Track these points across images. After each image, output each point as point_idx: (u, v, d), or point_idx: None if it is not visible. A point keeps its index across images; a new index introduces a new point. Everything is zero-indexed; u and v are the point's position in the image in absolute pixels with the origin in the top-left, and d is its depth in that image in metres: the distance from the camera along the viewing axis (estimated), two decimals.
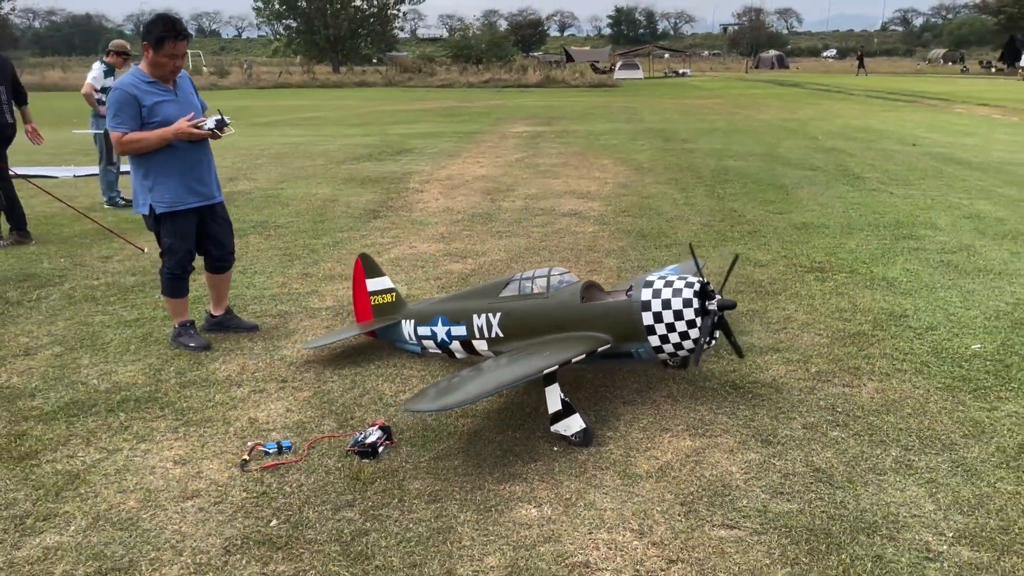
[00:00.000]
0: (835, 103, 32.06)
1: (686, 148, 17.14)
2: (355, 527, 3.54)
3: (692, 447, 4.19)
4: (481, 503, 3.72)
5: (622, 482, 3.88)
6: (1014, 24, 76.74)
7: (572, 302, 4.58)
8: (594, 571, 3.22)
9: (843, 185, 12.02)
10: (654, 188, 12.10)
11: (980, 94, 35.91)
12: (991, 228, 8.97)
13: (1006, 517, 3.48)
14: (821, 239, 8.60)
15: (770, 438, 4.24)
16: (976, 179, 12.40)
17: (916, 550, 3.27)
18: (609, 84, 53.84)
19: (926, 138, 18.47)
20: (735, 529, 3.47)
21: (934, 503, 3.60)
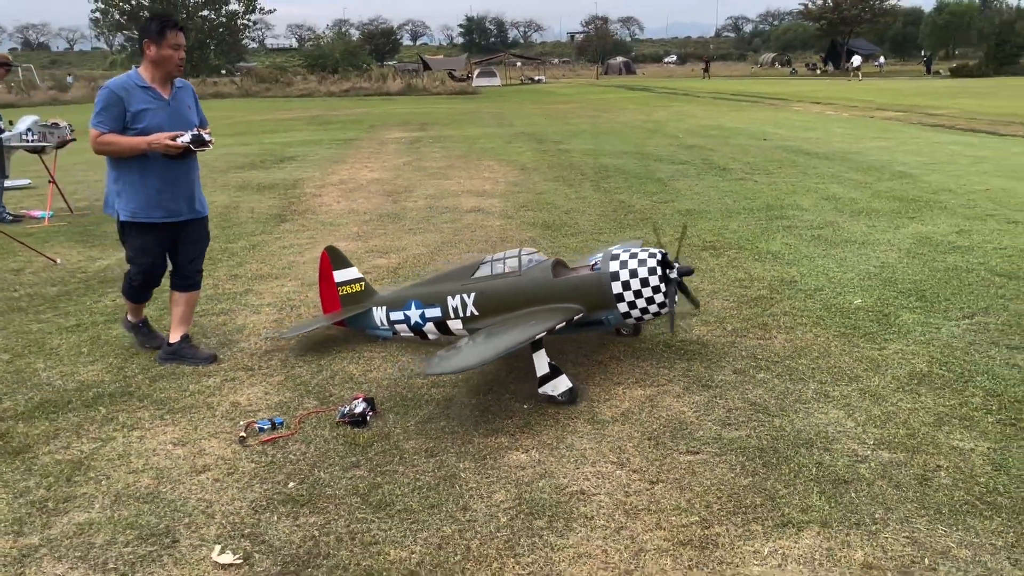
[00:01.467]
0: (685, 105, 34.10)
1: (561, 149, 17.97)
2: (367, 482, 3.89)
3: (645, 395, 4.78)
4: (475, 454, 4.15)
5: (592, 427, 4.41)
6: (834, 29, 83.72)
7: (544, 278, 4.96)
8: (590, 496, 3.73)
9: (713, 176, 13.13)
10: (544, 185, 12.77)
11: (812, 94, 39.15)
12: (847, 207, 10.17)
13: (911, 426, 4.25)
14: (706, 222, 9.50)
15: (708, 383, 4.90)
16: (825, 167, 13.83)
17: (847, 456, 3.98)
18: (469, 91, 54.70)
19: (774, 133, 20.18)
20: (699, 454, 4.07)
21: (853, 421, 4.34)
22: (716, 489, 3.72)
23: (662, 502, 3.65)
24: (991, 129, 20.27)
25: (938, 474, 3.76)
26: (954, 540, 3.27)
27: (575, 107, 34.76)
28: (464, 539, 3.42)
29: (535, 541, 3.39)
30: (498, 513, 3.60)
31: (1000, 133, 19.38)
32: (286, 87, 54.90)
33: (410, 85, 54.75)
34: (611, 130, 22.54)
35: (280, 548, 3.36)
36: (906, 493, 3.62)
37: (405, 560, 3.28)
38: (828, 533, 3.35)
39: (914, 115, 25.20)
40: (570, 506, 3.65)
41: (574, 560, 3.26)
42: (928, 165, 13.76)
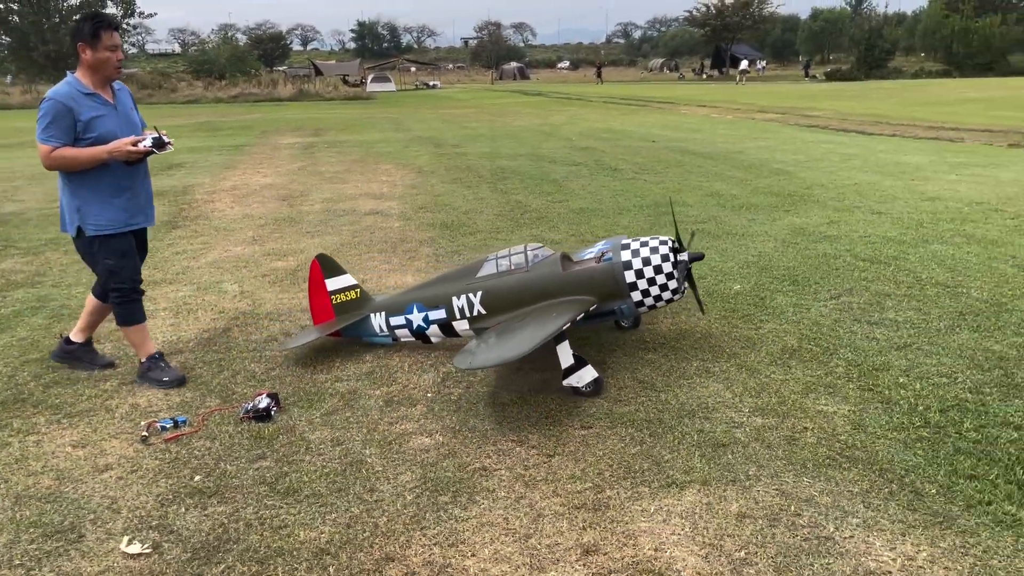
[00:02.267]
0: (579, 109, 34.91)
1: (459, 152, 18.18)
2: (275, 471, 3.98)
3: (541, 379, 5.03)
4: (381, 440, 4.30)
5: (494, 410, 4.62)
6: (718, 35, 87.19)
7: (554, 272, 4.92)
8: (492, 472, 3.94)
9: (605, 176, 13.60)
10: (442, 187, 12.95)
11: (698, 97, 40.74)
12: (728, 202, 10.76)
13: (782, 395, 4.65)
14: (599, 220, 9.89)
15: (601, 364, 5.19)
16: (709, 166, 14.53)
17: (725, 423, 4.33)
18: (364, 96, 54.27)
19: (662, 135, 20.98)
20: (592, 428, 4.34)
21: (731, 393, 4.71)
22: (608, 458, 4.00)
23: (559, 472, 3.89)
24: (860, 129, 21.66)
25: (804, 435, 4.15)
26: (817, 489, 3.63)
27: (471, 112, 35.06)
28: (372, 517, 3.57)
29: (440, 515, 3.57)
30: (404, 492, 3.77)
31: (868, 132, 20.74)
32: (170, 93, 53.07)
33: (302, 90, 53.87)
34: (507, 134, 22.90)
35: (189, 537, 3.43)
36: (776, 452, 3.98)
37: (315, 540, 3.40)
38: (707, 490, 3.67)
39: (792, 116, 26.62)
40: (473, 481, 3.85)
41: (477, 529, 3.46)
42: (803, 163, 14.65)
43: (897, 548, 3.19)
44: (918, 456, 3.88)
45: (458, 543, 3.37)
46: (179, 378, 5.08)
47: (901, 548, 3.19)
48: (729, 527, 3.39)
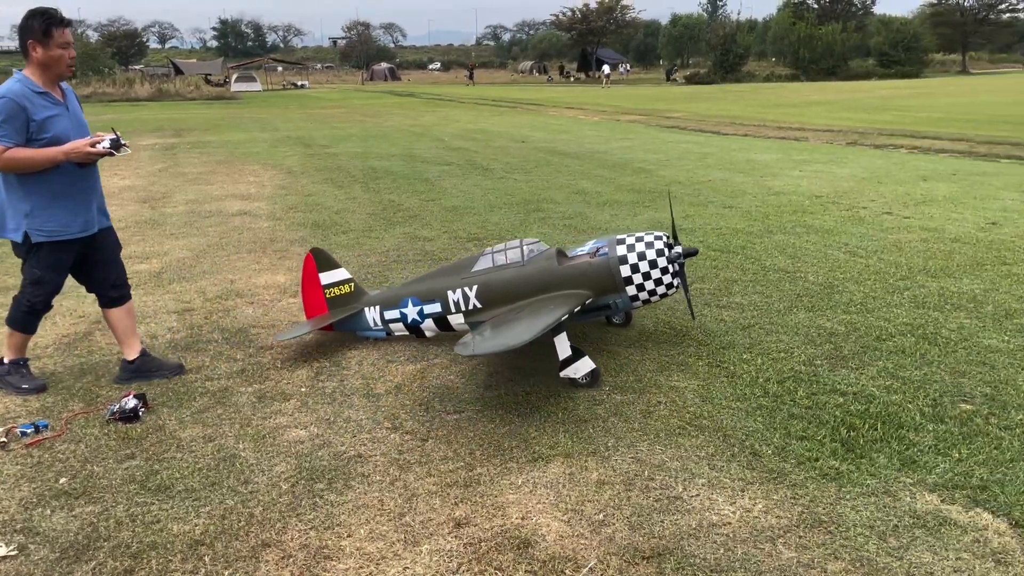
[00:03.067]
0: (450, 110, 35.14)
1: (329, 153, 18.02)
2: (145, 470, 3.96)
3: (416, 369, 5.19)
4: (254, 435, 4.33)
5: (368, 401, 4.74)
6: (584, 39, 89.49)
7: (550, 266, 4.97)
8: (367, 458, 4.06)
9: (477, 175, 13.86)
10: (313, 187, 12.84)
11: (566, 99, 41.80)
12: (594, 199, 11.23)
13: (639, 374, 4.99)
14: (471, 217, 10.11)
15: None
16: (576, 165, 15.05)
17: (587, 400, 4.62)
18: (228, 96, 52.55)
19: (531, 135, 21.48)
20: (464, 413, 4.54)
21: None
22: (479, 439, 4.20)
23: (432, 455, 4.06)
24: (715, 129, 22.90)
25: (658, 408, 4.49)
26: (668, 455, 3.96)
27: (342, 112, 34.63)
28: (247, 508, 3.62)
29: (316, 501, 3.67)
30: (279, 482, 3.84)
31: (723, 133, 21.96)
32: None
33: (161, 90, 51.56)
34: (379, 134, 22.83)
35: (56, 537, 3.38)
36: (633, 424, 4.30)
37: (189, 532, 3.43)
38: (570, 462, 3.93)
39: (654, 118, 27.79)
40: (348, 468, 3.96)
41: (353, 511, 3.58)
42: (663, 161, 15.40)
43: (737, 503, 3.54)
44: (757, 422, 4.28)
45: (334, 526, 3.48)
46: (40, 386, 4.92)
47: (740, 502, 3.54)
48: (589, 493, 3.66)
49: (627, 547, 3.25)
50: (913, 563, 3.08)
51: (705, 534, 3.32)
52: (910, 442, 4.00)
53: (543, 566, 3.16)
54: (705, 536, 3.31)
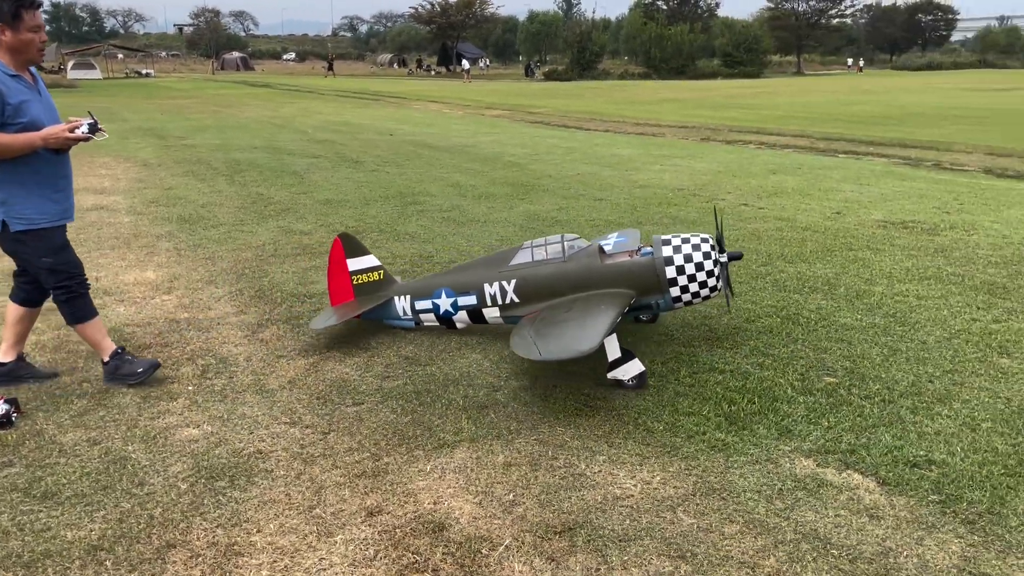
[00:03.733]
0: (311, 102, 34.31)
1: (186, 144, 17.24)
2: (27, 477, 3.73)
3: (308, 363, 5.11)
4: (143, 436, 4.16)
5: (262, 397, 4.64)
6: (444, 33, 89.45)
7: (593, 263, 4.87)
8: (268, 454, 3.99)
9: (347, 168, 13.66)
10: (173, 180, 12.27)
11: (429, 93, 41.70)
12: (469, 192, 11.34)
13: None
14: (347, 210, 9.98)
15: (367, 346, 5.38)
16: (447, 159, 15.11)
17: (487, 387, 4.71)
18: (65, 84, 48.95)
19: (399, 129, 21.35)
20: (363, 404, 4.53)
21: (489, 362, 5.11)
22: (382, 429, 4.21)
23: (336, 447, 4.04)
24: (578, 125, 23.53)
25: (555, 391, 4.65)
26: (569, 435, 4.12)
27: (194, 103, 33.10)
28: (145, 510, 3.49)
29: (219, 499, 3.58)
30: (177, 483, 3.71)
31: (585, 128, 22.59)
32: None
33: None
34: (238, 125, 22.02)
35: None
36: (533, 408, 4.43)
37: (84, 538, 3.27)
38: (476, 447, 4.02)
39: (518, 113, 28.22)
40: (250, 465, 3.88)
41: (259, 507, 3.52)
42: (532, 156, 15.70)
43: (637, 476, 3.74)
44: (647, 401, 4.51)
45: (241, 522, 3.41)
46: (154, 363, 4.85)
47: (640, 476, 3.74)
48: (498, 476, 3.75)
49: (539, 524, 3.37)
50: (799, 522, 3.37)
51: (611, 507, 3.49)
52: (785, 413, 4.34)
53: (460, 547, 3.23)
54: (611, 509, 3.48)
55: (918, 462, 3.80)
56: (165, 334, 5.65)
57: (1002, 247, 7.80)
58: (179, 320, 5.95)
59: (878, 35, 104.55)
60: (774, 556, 3.14)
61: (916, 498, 3.51)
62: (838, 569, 3.05)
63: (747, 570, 3.06)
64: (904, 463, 3.79)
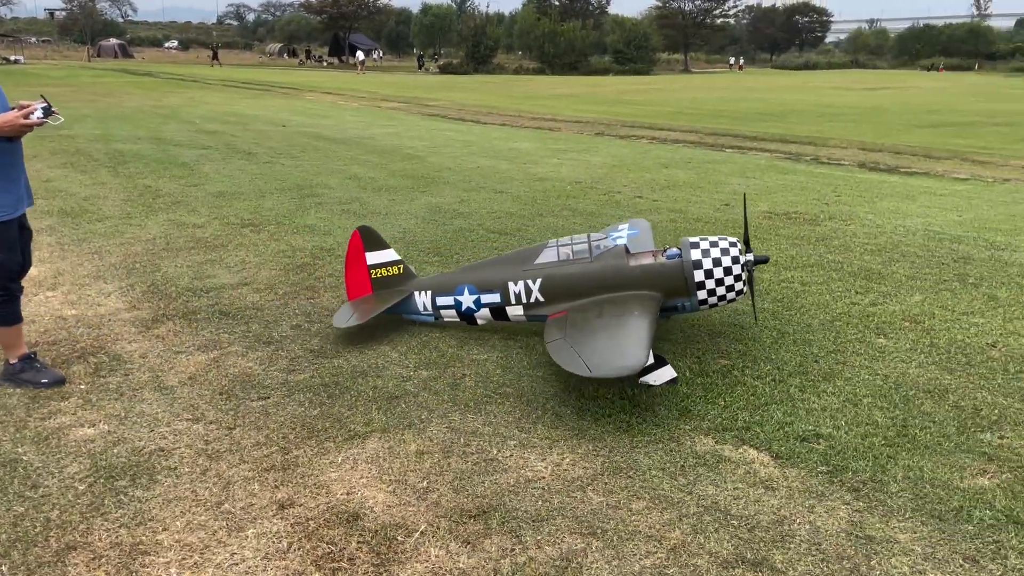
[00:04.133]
0: (197, 92, 33.03)
1: (63, 135, 16.30)
2: None
3: (208, 358, 4.98)
4: (35, 437, 3.97)
5: (161, 394, 4.49)
6: (335, 23, 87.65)
7: (620, 264, 4.82)
8: (170, 452, 3.88)
9: (240, 160, 13.28)
10: (51, 172, 11.63)
11: (322, 84, 40.84)
12: (369, 185, 11.23)
13: (441, 350, 5.16)
14: (241, 202, 9.72)
15: (269, 340, 5.28)
16: (344, 151, 14.89)
17: (396, 378, 4.71)
18: None
19: (292, 120, 20.87)
20: (270, 398, 4.45)
21: (397, 353, 5.11)
22: (290, 423, 4.16)
23: (242, 442, 3.96)
24: (475, 119, 23.59)
25: (464, 380, 4.70)
26: (480, 422, 4.18)
27: (69, 91, 31.31)
28: (41, 512, 3.34)
29: (121, 498, 3.46)
30: (74, 483, 3.57)
31: (482, 122, 22.67)
32: None
33: None
34: (119, 115, 21.02)
35: None
36: (443, 397, 4.47)
37: None
38: (387, 436, 4.02)
39: (414, 106, 28.04)
40: (152, 463, 3.76)
41: (164, 505, 3.43)
42: (430, 148, 15.66)
43: (547, 459, 3.83)
44: (555, 387, 4.62)
45: (146, 521, 3.31)
46: (58, 378, 4.57)
47: (550, 458, 3.84)
48: (411, 464, 3.78)
49: (453, 509, 3.42)
50: (700, 495, 3.54)
51: (523, 489, 3.57)
52: (684, 395, 4.53)
53: (375, 535, 3.24)
54: (524, 491, 3.56)
55: (807, 436, 4.04)
56: (52, 331, 5.39)
57: (876, 236, 8.33)
58: (66, 317, 5.68)
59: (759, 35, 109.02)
60: (679, 528, 3.29)
61: (806, 469, 3.74)
62: (737, 538, 3.23)
63: (654, 543, 3.19)
64: (795, 438, 4.02)
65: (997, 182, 12.31)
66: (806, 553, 3.13)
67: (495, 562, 3.07)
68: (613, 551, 3.14)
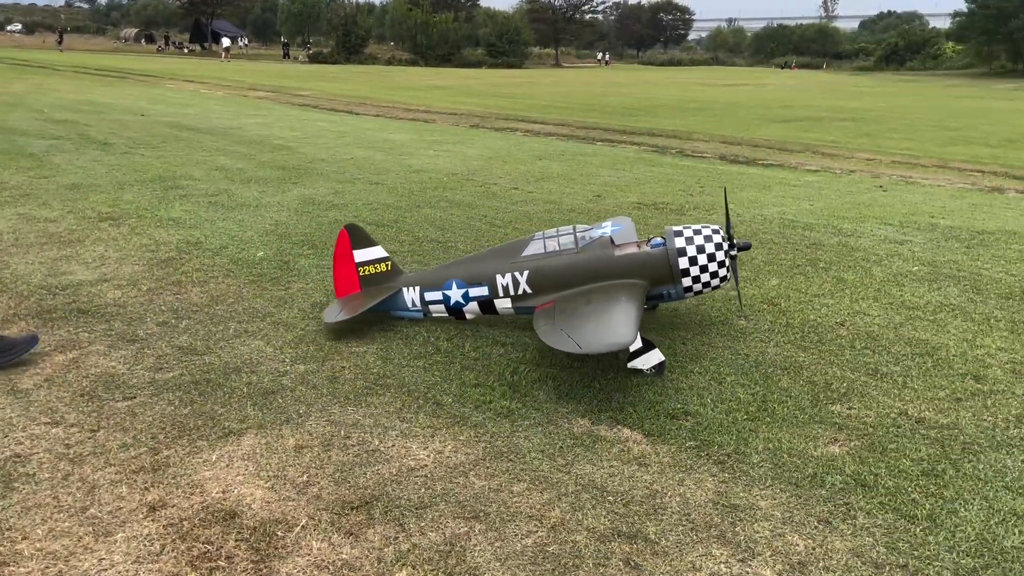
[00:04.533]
0: (45, 78, 30.88)
1: None
2: None
3: (66, 359, 4.71)
4: None
5: (14, 398, 4.22)
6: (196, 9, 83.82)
7: (606, 254, 4.90)
8: (27, 457, 3.66)
9: (95, 151, 12.54)
10: None
11: (184, 72, 39.02)
12: (237, 176, 10.85)
13: (318, 343, 5.08)
14: (98, 195, 9.19)
15: (133, 338, 5.04)
16: (210, 141, 14.32)
17: (271, 373, 4.61)
18: None
19: (152, 109, 19.87)
20: (136, 398, 4.26)
21: (272, 347, 4.99)
22: (159, 422, 4.00)
23: (107, 444, 3.78)
24: (348, 109, 23.19)
25: (344, 372, 4.65)
26: (360, 414, 4.16)
27: None
28: None
29: None
30: None
31: (356, 112, 22.32)
32: None
33: None
34: None
35: None
36: (321, 391, 4.41)
37: None
38: (264, 432, 3.94)
39: (283, 95, 27.25)
40: (7, 470, 3.54)
41: (23, 513, 3.24)
42: (302, 139, 15.29)
43: (429, 447, 3.86)
44: (435, 376, 4.65)
45: (3, 531, 3.12)
46: None
47: (432, 446, 3.86)
48: (289, 459, 3.72)
49: (335, 501, 3.40)
50: (578, 475, 3.65)
51: (406, 478, 3.58)
52: (562, 379, 4.65)
53: (254, 532, 3.18)
54: (406, 480, 3.57)
55: (676, 414, 4.24)
56: None
57: (736, 225, 8.77)
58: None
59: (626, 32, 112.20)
60: (558, 507, 3.39)
61: (676, 445, 3.93)
62: (614, 513, 3.36)
63: (535, 522, 3.28)
64: (665, 416, 4.22)
65: (844, 173, 13.21)
66: (677, 523, 3.30)
67: (378, 551, 3.08)
68: (496, 532, 3.21)
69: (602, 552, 3.11)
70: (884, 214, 9.46)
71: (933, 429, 4.11)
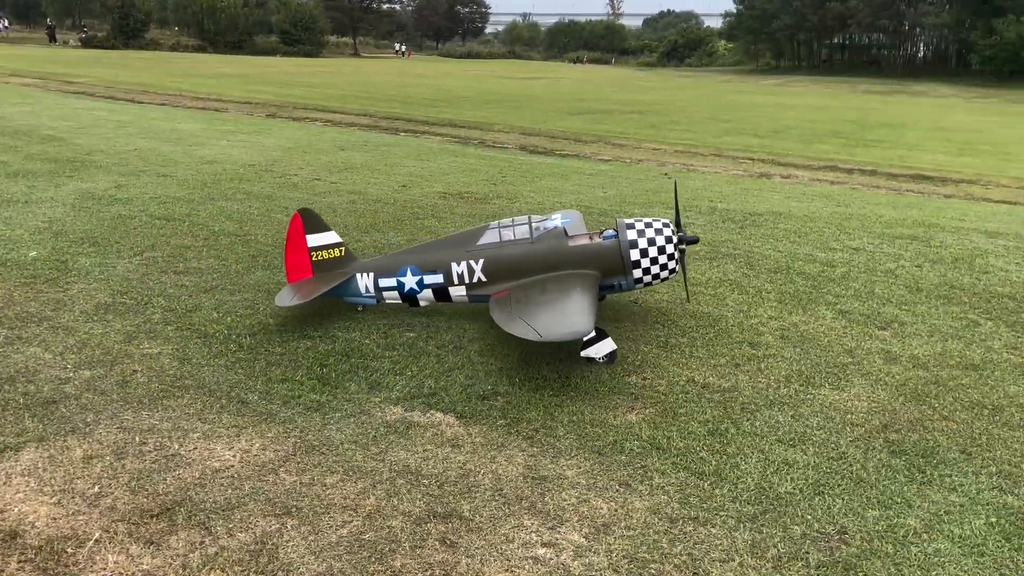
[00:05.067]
0: None
1: None
2: None
3: None
4: None
5: None
6: None
7: (560, 245, 4.95)
8: None
9: None
10: None
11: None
12: (1, 170, 9.79)
13: (105, 346, 4.72)
14: None
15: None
16: None
17: (51, 381, 4.24)
18: None
19: None
20: None
21: (51, 353, 4.60)
22: None
23: None
24: (129, 97, 21.55)
25: (135, 376, 4.36)
26: (157, 418, 3.93)
27: None
28: None
29: None
30: None
31: (138, 101, 20.79)
32: None
33: None
34: None
35: None
36: (111, 397, 4.12)
37: None
38: (46, 445, 3.62)
39: (53, 82, 24.86)
40: None
41: None
42: (76, 129, 14.05)
43: (235, 447, 3.72)
44: (239, 374, 4.47)
45: None
46: None
47: (238, 446, 3.72)
48: (77, 471, 3.45)
49: (132, 511, 3.20)
50: (393, 461, 3.67)
51: (210, 480, 3.43)
52: (373, 369, 4.63)
53: (39, 551, 2.94)
54: (211, 482, 3.42)
55: (487, 395, 4.35)
56: None
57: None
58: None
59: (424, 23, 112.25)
60: (373, 495, 3.39)
61: (488, 425, 4.04)
62: (429, 495, 3.41)
63: (350, 512, 3.26)
64: (476, 397, 4.32)
65: (633, 163, 14.02)
66: (490, 499, 3.40)
67: (183, 557, 2.94)
68: (309, 526, 3.15)
69: (418, 534, 3.14)
70: (670, 199, 10.16)
71: (716, 393, 4.49)
